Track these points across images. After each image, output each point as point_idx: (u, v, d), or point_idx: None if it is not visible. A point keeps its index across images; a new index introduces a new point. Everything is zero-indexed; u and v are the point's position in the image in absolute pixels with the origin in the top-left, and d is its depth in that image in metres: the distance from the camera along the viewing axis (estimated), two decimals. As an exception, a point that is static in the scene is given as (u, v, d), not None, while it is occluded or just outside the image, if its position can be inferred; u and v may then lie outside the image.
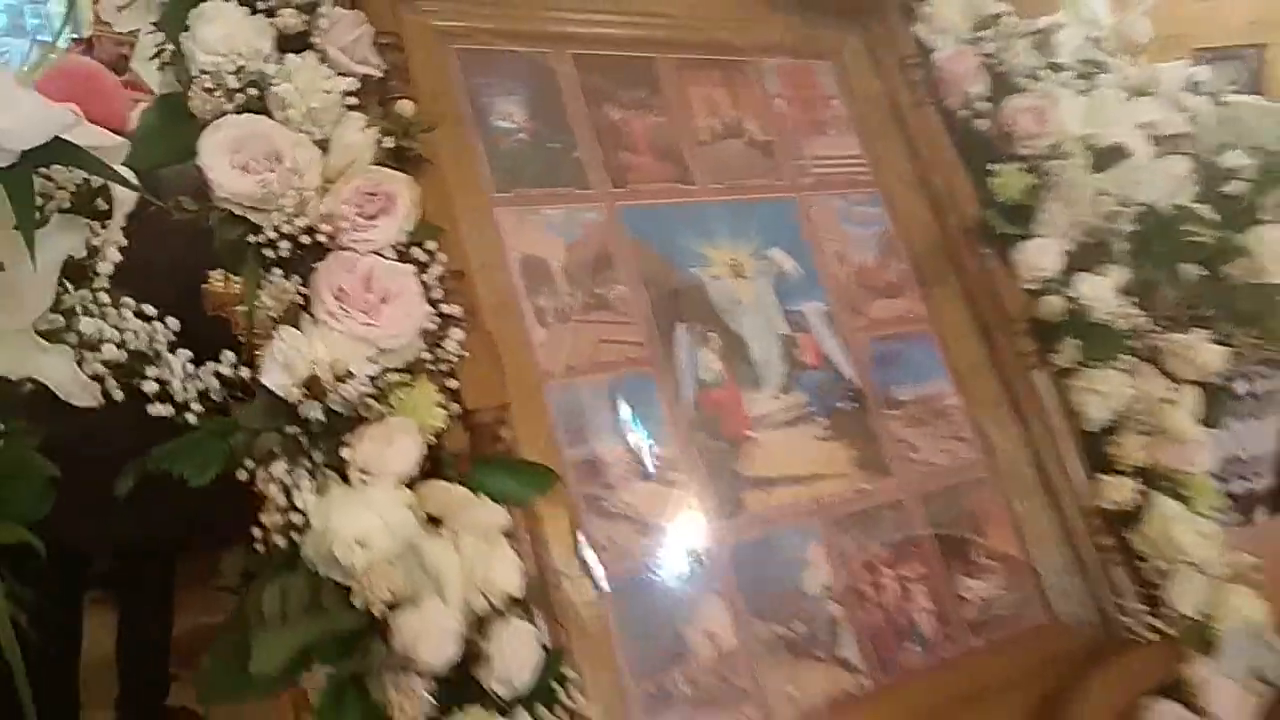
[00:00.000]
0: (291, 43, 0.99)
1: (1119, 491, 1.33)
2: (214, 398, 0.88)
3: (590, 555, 1.01)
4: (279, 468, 0.83)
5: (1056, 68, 1.62)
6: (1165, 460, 1.35)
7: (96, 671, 2.62)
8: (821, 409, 1.26)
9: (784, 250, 1.32)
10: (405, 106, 1.00)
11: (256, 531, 0.85)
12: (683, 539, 1.10)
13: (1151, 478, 1.35)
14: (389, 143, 0.97)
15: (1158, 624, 1.28)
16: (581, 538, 1.01)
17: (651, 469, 1.11)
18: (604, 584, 1.00)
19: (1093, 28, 1.94)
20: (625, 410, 1.12)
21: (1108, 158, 1.50)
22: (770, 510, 1.17)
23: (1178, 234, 1.56)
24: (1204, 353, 1.46)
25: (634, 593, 1.05)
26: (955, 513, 1.31)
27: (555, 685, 0.87)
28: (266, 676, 0.78)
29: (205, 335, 0.93)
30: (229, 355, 0.88)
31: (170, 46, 0.98)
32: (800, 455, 1.22)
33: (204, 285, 2.03)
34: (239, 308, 2.09)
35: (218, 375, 0.87)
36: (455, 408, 0.94)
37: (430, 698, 0.82)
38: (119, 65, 2.80)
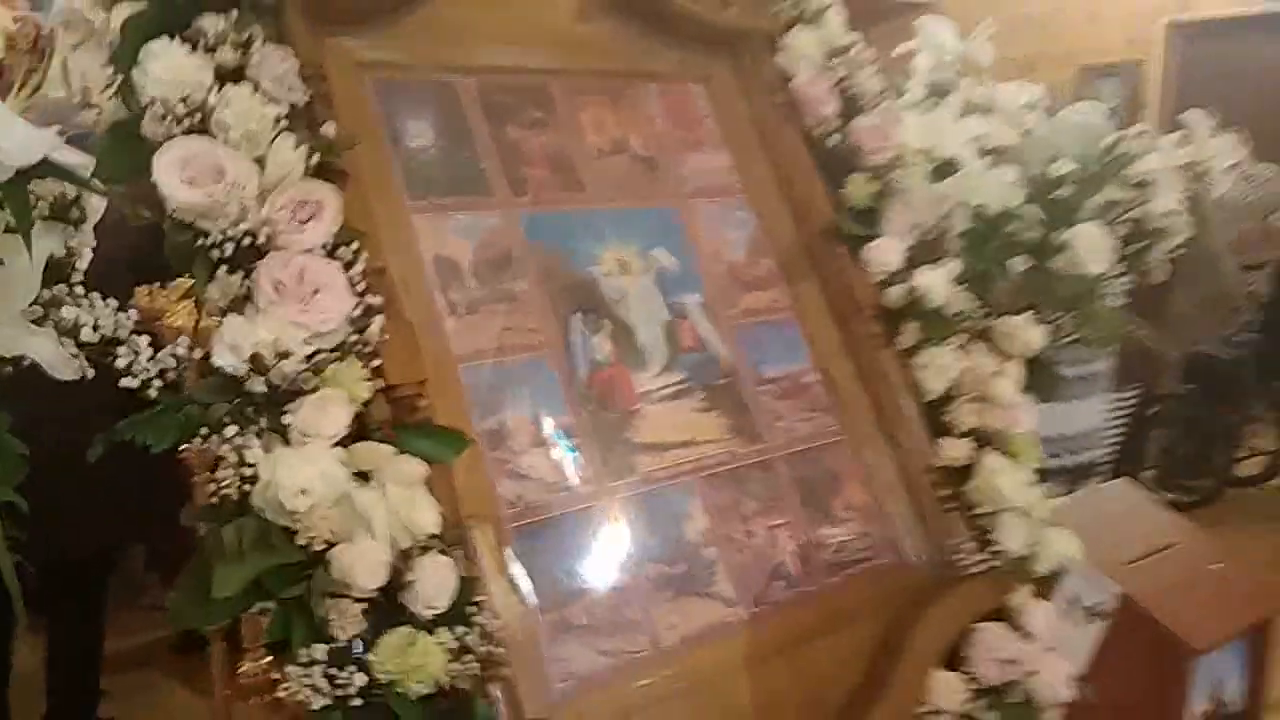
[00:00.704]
0: (229, 75, 1.15)
1: (955, 450, 1.56)
2: (171, 376, 1.03)
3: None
4: (230, 432, 0.99)
5: (900, 91, 1.86)
6: (992, 423, 1.59)
7: (24, 684, 2.67)
8: (699, 385, 1.46)
9: (666, 250, 1.52)
10: (329, 128, 1.17)
11: (210, 488, 1.00)
12: (580, 495, 1.28)
13: (982, 438, 1.59)
14: (315, 159, 1.14)
15: (988, 561, 1.52)
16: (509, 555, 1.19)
17: (552, 437, 1.29)
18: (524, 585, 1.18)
19: (943, 53, 2.21)
20: (528, 387, 1.30)
21: (945, 168, 1.74)
22: (655, 470, 1.36)
23: (1006, 233, 1.82)
24: (1028, 331, 1.71)
25: (539, 541, 1.23)
26: (816, 471, 1.52)
27: (470, 608, 1.05)
28: (225, 601, 0.94)
29: None
30: (184, 339, 1.04)
31: (121, 78, 1.13)
32: (681, 424, 1.42)
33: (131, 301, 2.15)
34: (164, 320, 2.21)
35: (174, 356, 1.03)
36: (379, 383, 1.11)
37: (363, 617, 0.98)
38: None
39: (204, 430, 1.00)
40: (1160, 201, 2.03)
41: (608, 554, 1.27)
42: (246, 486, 0.98)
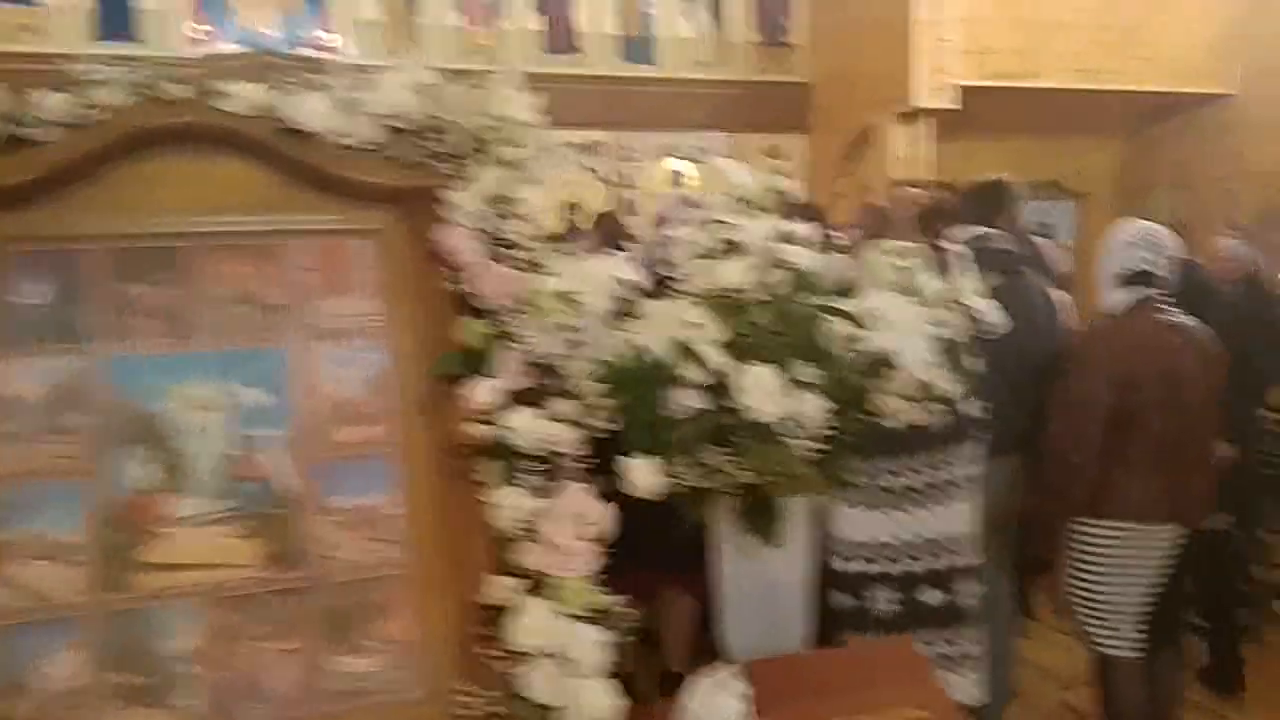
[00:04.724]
0: None
1: (496, 588, 1.56)
2: None
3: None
4: None
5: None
6: (544, 565, 1.57)
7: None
8: (245, 513, 1.60)
9: (259, 389, 1.69)
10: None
11: None
12: (61, 605, 1.46)
13: (536, 580, 1.57)
14: None
15: (498, 709, 1.49)
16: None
17: (51, 552, 1.49)
18: None
19: (739, 190, 2.23)
20: (47, 508, 1.52)
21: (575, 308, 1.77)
22: (159, 589, 1.51)
23: (656, 372, 1.80)
24: (639, 473, 1.68)
25: (8, 642, 1.42)
26: (358, 602, 1.59)
27: None
28: None
29: None
30: None
31: None
32: (208, 548, 1.56)
33: None
34: None
35: None
36: None
37: None
38: None
39: None
40: (882, 337, 1.90)
41: (69, 658, 1.44)
42: None
